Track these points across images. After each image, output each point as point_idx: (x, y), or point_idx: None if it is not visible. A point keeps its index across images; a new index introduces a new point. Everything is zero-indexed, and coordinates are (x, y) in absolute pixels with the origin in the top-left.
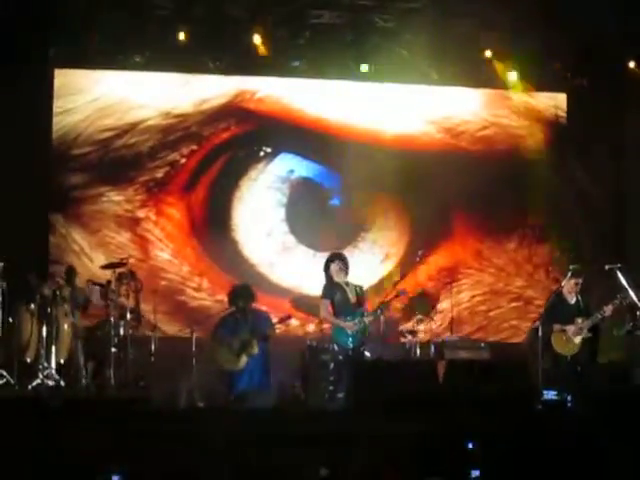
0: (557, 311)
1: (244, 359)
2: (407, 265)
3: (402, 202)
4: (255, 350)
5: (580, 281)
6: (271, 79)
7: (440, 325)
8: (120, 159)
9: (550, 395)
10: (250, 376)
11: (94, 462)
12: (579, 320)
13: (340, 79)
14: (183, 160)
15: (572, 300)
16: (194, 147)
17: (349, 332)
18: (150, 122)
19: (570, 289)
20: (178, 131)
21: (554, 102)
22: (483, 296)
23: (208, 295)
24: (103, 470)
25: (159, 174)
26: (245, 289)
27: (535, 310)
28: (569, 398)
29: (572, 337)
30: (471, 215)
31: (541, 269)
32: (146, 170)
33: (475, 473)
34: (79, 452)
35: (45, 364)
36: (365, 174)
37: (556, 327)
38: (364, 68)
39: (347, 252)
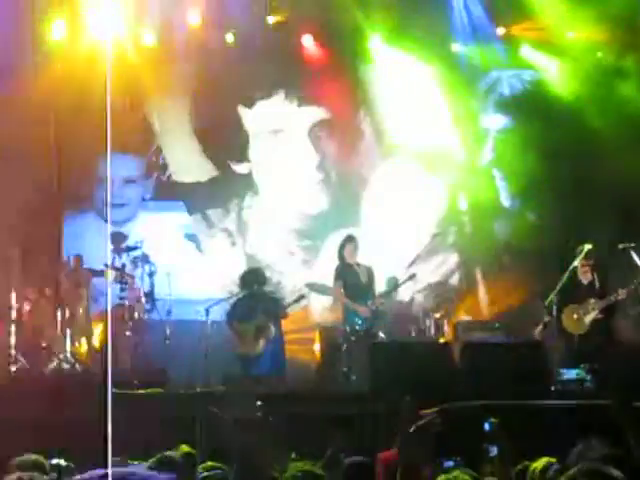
0: (569, 290)
1: (262, 343)
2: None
3: None
4: (272, 333)
5: (590, 262)
6: None
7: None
8: None
9: (570, 374)
10: (266, 359)
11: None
12: (592, 300)
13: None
14: None
15: (585, 280)
16: None
17: (361, 315)
18: None
19: (582, 269)
20: None
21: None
22: None
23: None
24: (121, 454)
25: None
26: (257, 272)
27: None
28: (588, 378)
29: (583, 317)
30: None
31: None
32: None
33: (493, 451)
34: (94, 436)
35: (60, 348)
36: None
37: (568, 306)
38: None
39: None
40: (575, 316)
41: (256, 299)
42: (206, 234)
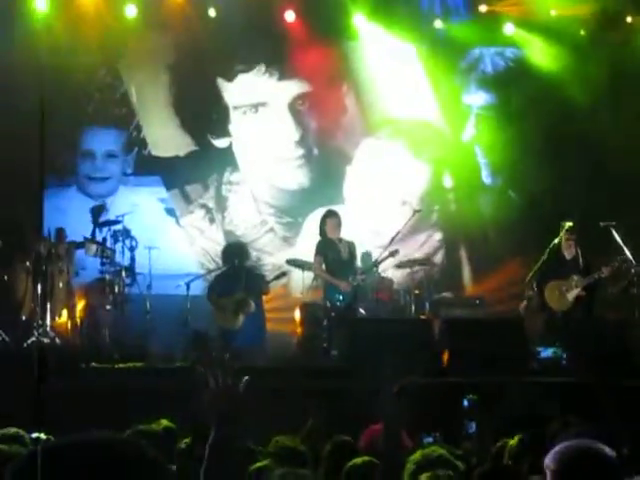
0: (552, 266)
1: (241, 318)
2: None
3: None
4: (252, 308)
5: (573, 237)
6: None
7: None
8: None
9: (546, 353)
10: (246, 334)
11: (92, 418)
12: (575, 277)
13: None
14: None
15: (569, 256)
16: None
17: (342, 290)
18: None
19: (565, 245)
20: None
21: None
22: None
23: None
24: (102, 426)
25: None
26: (240, 247)
27: None
28: (564, 356)
29: (565, 293)
30: None
31: None
32: None
33: (472, 427)
34: (78, 409)
35: (40, 321)
36: None
37: (551, 282)
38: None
39: None
40: (557, 292)
41: (238, 274)
42: (184, 210)
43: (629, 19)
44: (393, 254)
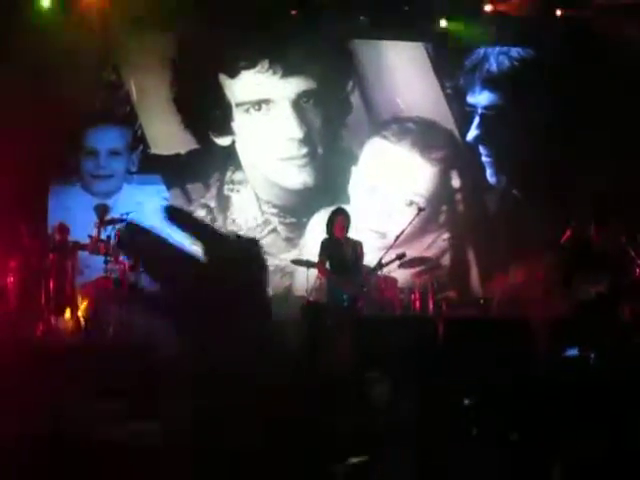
0: (580, 257)
1: None
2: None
3: None
4: None
5: (601, 230)
6: None
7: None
8: None
9: (571, 352)
10: None
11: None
12: (605, 274)
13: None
14: None
15: (598, 249)
16: None
17: (346, 290)
18: None
19: (595, 238)
20: None
21: None
22: None
23: None
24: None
25: None
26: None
27: None
28: (592, 356)
29: (591, 285)
30: None
31: None
32: None
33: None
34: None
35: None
36: None
37: (579, 272)
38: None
39: None
40: (582, 282)
41: None
42: (186, 209)
43: None
44: (400, 257)
